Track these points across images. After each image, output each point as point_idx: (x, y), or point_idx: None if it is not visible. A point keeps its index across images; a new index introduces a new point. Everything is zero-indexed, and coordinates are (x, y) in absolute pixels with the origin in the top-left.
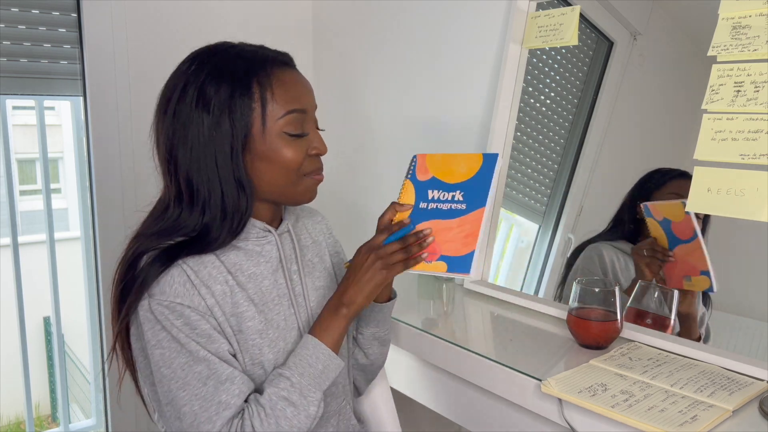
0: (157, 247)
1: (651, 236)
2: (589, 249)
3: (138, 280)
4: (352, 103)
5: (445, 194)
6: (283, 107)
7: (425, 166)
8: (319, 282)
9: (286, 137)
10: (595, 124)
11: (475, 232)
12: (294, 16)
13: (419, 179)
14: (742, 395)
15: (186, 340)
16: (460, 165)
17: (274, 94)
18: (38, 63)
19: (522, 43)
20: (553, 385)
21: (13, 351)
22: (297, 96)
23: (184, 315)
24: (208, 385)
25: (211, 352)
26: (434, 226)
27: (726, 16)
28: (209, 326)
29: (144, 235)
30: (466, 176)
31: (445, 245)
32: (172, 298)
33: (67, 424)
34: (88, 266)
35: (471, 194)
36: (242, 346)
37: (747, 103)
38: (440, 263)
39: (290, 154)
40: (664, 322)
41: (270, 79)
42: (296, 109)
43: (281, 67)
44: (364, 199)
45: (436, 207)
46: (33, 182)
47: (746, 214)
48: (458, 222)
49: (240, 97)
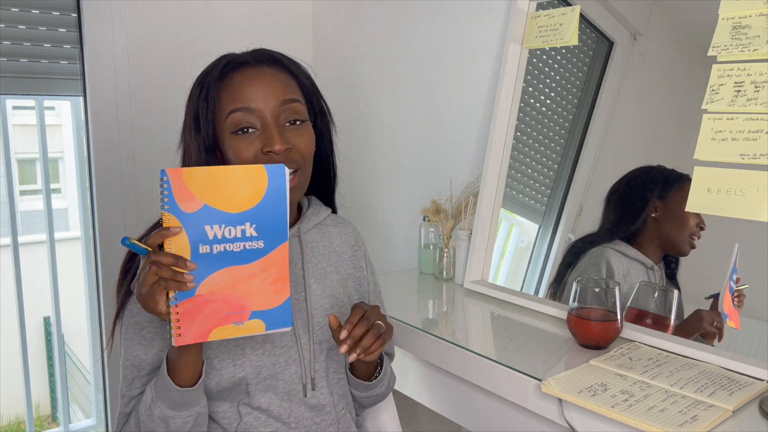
0: None
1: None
2: (595, 254)
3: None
4: (352, 103)
5: (232, 230)
6: (226, 107)
7: (186, 188)
8: (328, 291)
9: (234, 137)
10: (595, 124)
11: (285, 275)
12: (294, 16)
13: (184, 209)
14: (742, 395)
15: (128, 335)
16: (240, 185)
17: (220, 96)
18: (38, 63)
19: (522, 43)
20: (553, 385)
21: (13, 351)
22: (242, 95)
23: (142, 312)
24: (127, 379)
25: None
26: (231, 276)
27: (726, 16)
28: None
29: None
30: (252, 201)
31: (253, 298)
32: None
33: (67, 424)
34: (88, 266)
35: (266, 226)
36: (225, 346)
37: (747, 103)
38: (255, 322)
39: (241, 152)
40: (664, 322)
41: (221, 83)
42: (237, 108)
43: (237, 69)
44: (364, 199)
45: (224, 249)
46: (33, 182)
47: (746, 214)
48: (260, 266)
49: (201, 101)
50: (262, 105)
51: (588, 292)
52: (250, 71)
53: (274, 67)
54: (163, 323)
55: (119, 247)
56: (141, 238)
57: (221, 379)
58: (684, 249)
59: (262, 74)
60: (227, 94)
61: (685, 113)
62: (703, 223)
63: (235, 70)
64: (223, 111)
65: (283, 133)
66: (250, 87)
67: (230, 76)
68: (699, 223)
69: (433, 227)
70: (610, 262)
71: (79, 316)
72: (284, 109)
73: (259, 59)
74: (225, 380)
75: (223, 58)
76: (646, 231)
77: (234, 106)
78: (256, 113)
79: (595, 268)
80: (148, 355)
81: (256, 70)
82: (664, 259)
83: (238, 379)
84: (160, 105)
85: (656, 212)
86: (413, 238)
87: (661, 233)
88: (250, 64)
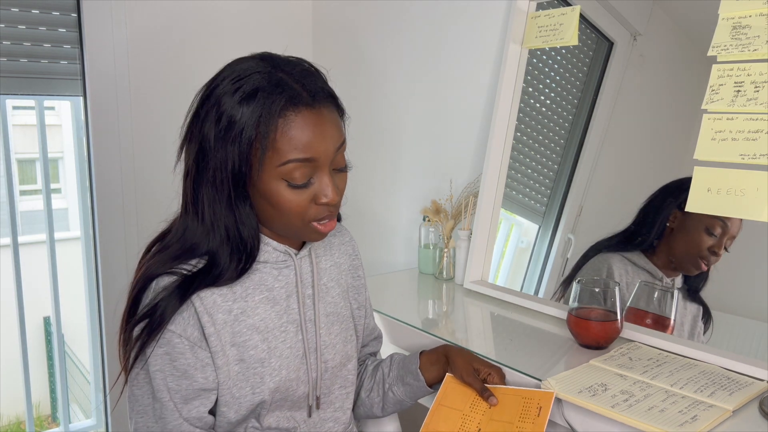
0: (170, 272)
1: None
2: (599, 259)
3: (155, 313)
4: (352, 104)
5: None
6: (283, 155)
7: None
8: (330, 308)
9: (289, 187)
10: (595, 124)
11: None
12: (294, 16)
13: None
14: (742, 395)
15: (156, 373)
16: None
17: (276, 139)
18: (38, 63)
19: (522, 43)
20: (553, 385)
21: (13, 351)
22: (303, 144)
23: (171, 343)
24: (157, 424)
25: (172, 394)
26: None
27: (726, 16)
28: (193, 359)
29: (156, 253)
30: None
31: None
32: (167, 324)
33: (67, 424)
34: (88, 266)
35: None
36: (244, 375)
37: (747, 103)
38: None
39: (291, 201)
40: (664, 322)
41: (276, 122)
42: (298, 158)
43: (295, 108)
44: (364, 199)
45: None
46: (33, 182)
47: (746, 214)
48: None
49: (242, 131)
50: (323, 156)
51: (588, 292)
52: (310, 115)
53: (329, 106)
54: (189, 344)
55: (119, 247)
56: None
57: (240, 407)
58: (688, 269)
59: (323, 119)
60: (287, 141)
61: (685, 113)
62: (721, 249)
63: (293, 109)
64: (279, 157)
65: (335, 179)
66: (312, 135)
67: (287, 117)
68: (714, 247)
69: (433, 227)
70: (612, 269)
71: (79, 316)
72: (338, 154)
73: (316, 97)
74: (244, 408)
75: (276, 89)
76: (662, 241)
77: (294, 156)
78: (315, 163)
79: (596, 273)
80: (196, 386)
81: (317, 113)
82: (684, 275)
83: (255, 404)
84: (160, 105)
85: (674, 223)
86: (413, 238)
87: (673, 246)
88: (309, 105)
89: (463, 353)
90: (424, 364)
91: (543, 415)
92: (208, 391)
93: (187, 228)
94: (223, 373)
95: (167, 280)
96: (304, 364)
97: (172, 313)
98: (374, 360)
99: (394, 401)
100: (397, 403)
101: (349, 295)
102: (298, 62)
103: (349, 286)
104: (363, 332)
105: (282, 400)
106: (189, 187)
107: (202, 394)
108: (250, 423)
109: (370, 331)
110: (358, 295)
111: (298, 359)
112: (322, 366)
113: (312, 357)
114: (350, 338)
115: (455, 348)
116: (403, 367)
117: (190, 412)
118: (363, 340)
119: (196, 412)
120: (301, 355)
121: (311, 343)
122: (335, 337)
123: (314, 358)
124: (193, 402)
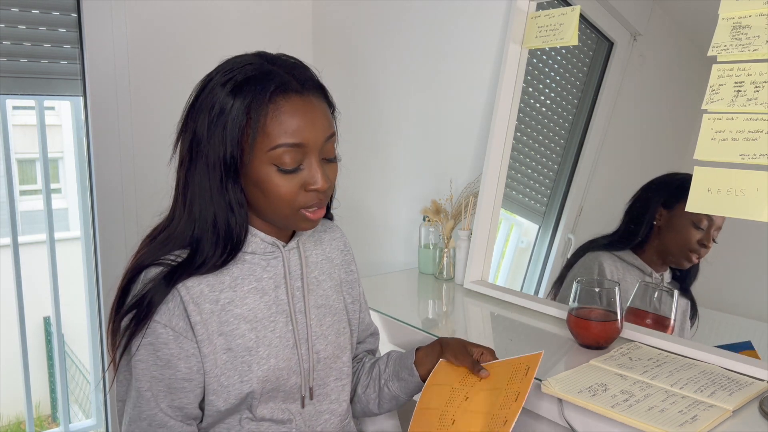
0: (158, 262)
1: None
2: (590, 258)
3: (142, 304)
4: (352, 103)
5: None
6: (273, 140)
7: None
8: (321, 300)
9: (279, 172)
10: (595, 124)
11: None
12: (294, 16)
13: None
14: (742, 395)
15: (138, 362)
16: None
17: (266, 123)
18: (38, 63)
19: (522, 43)
20: (553, 385)
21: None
22: (293, 129)
23: (155, 333)
24: (134, 410)
25: (154, 383)
26: None
27: (726, 16)
28: (177, 349)
29: (148, 243)
30: None
31: None
32: (153, 315)
33: (67, 424)
34: (88, 266)
35: None
36: (232, 363)
37: (747, 103)
38: None
39: (281, 186)
40: (664, 322)
41: (266, 108)
42: (289, 143)
43: (285, 94)
44: (364, 199)
45: None
46: (33, 182)
47: (746, 214)
48: None
49: (233, 117)
50: (312, 143)
51: (588, 292)
52: (299, 102)
53: (319, 97)
54: (174, 334)
55: (119, 247)
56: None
57: (229, 396)
58: (681, 263)
59: (312, 107)
60: (277, 125)
61: (685, 113)
62: (710, 241)
63: (283, 95)
64: (269, 141)
65: (324, 168)
66: (302, 121)
67: (277, 102)
68: (703, 240)
69: (433, 227)
70: (603, 266)
71: (79, 316)
72: (327, 144)
73: (305, 85)
74: (233, 397)
75: (266, 77)
76: (650, 238)
77: (284, 141)
78: (304, 149)
79: (587, 271)
80: (179, 375)
81: (306, 100)
82: (672, 269)
83: (245, 394)
84: (160, 105)
85: (660, 221)
86: (413, 238)
87: (662, 243)
88: (299, 92)
89: (457, 338)
90: (420, 358)
91: (530, 374)
92: (191, 382)
93: (174, 218)
94: (210, 362)
95: (155, 271)
96: (295, 354)
97: (158, 303)
98: (372, 357)
99: (389, 397)
100: (392, 399)
101: (343, 289)
102: (289, 57)
103: (342, 280)
104: (358, 327)
105: (274, 390)
106: (181, 177)
107: (185, 385)
108: (244, 414)
109: (366, 326)
110: (352, 289)
111: (288, 349)
112: (314, 357)
113: (303, 347)
114: (343, 330)
115: (450, 337)
116: (399, 362)
117: (173, 402)
118: (359, 335)
119: (179, 402)
120: (291, 345)
121: (302, 334)
122: (327, 329)
123: (305, 349)
124: (176, 393)
